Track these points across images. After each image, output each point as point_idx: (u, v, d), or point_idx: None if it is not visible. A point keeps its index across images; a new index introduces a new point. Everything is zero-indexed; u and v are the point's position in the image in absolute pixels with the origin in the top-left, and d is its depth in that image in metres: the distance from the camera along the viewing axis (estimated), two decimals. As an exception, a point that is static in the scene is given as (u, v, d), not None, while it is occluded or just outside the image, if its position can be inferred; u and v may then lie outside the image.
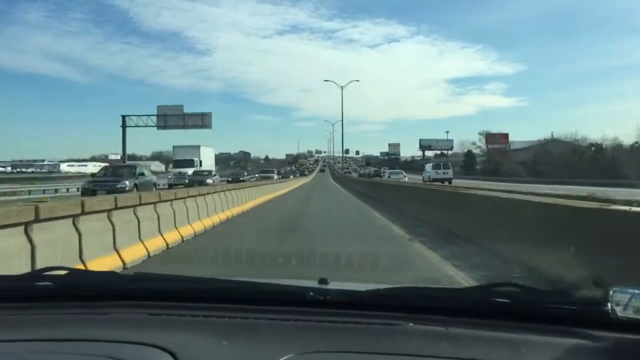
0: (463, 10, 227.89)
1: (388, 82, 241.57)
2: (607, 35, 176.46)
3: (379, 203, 19.58)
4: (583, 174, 41.37)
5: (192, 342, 1.16)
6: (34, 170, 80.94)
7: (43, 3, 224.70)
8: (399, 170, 54.55)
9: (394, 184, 25.32)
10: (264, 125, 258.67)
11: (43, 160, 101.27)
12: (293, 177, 72.34)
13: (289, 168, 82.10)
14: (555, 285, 4.59)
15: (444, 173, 39.61)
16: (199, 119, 50.26)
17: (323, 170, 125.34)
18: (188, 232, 9.49)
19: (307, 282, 1.53)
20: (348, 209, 17.85)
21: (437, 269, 6.41)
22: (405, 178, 44.48)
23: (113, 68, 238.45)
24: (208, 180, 32.57)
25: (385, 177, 51.96)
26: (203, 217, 10.99)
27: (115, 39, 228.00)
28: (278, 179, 48.44)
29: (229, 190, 15.33)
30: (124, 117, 49.47)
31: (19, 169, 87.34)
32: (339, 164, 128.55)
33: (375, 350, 1.13)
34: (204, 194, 11.74)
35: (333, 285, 1.46)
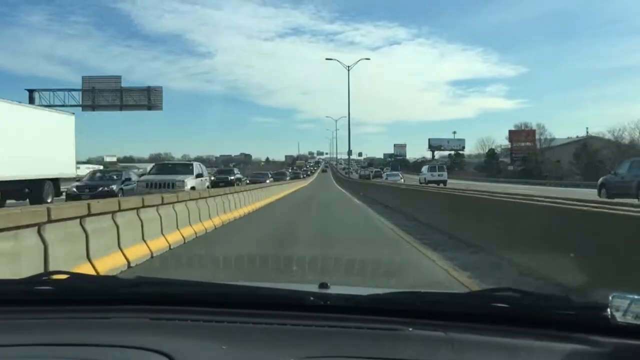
0: (464, 13, 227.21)
1: (389, 84, 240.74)
2: (608, 37, 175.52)
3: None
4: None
5: (192, 346, 1.16)
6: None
7: (45, 6, 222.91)
8: (396, 173, 56.56)
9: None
10: (265, 128, 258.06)
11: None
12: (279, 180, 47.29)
13: (283, 170, 76.16)
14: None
15: (439, 175, 41.31)
16: (143, 96, 33.94)
17: (325, 171, 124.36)
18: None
19: (307, 286, 1.54)
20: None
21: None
22: (402, 180, 45.96)
23: (114, 71, 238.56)
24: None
25: (383, 178, 53.47)
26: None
27: (117, 42, 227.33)
28: (270, 183, 37.26)
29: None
30: (31, 92, 34.64)
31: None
32: (341, 165, 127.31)
33: (376, 355, 1.13)
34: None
35: (333, 290, 1.46)
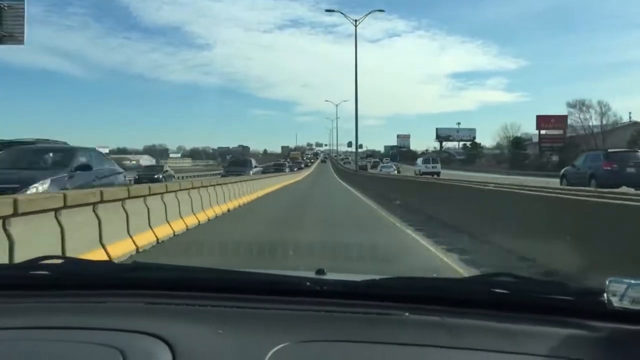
0: (463, 5, 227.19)
1: (389, 76, 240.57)
2: (607, 31, 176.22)
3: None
4: None
5: (188, 331, 1.16)
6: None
7: None
8: (390, 164, 59.20)
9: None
10: (265, 120, 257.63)
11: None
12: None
13: (273, 163, 68.70)
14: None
15: (433, 167, 44.19)
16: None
17: (324, 161, 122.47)
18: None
19: (304, 272, 1.54)
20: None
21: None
22: (395, 171, 48.83)
23: (113, 63, 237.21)
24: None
25: (378, 169, 55.56)
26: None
27: (115, 34, 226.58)
28: (257, 175, 30.41)
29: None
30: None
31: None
32: (340, 157, 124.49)
33: (372, 340, 1.14)
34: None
35: (330, 276, 1.47)
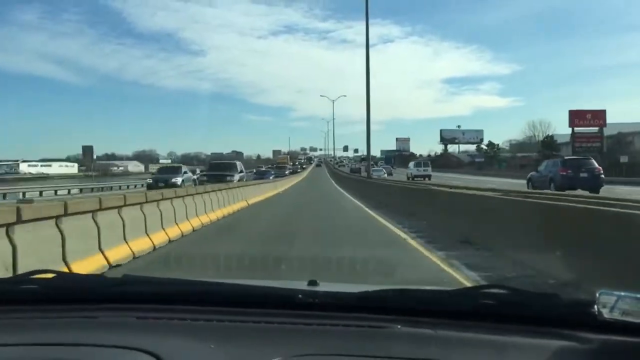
0: (457, 11, 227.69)
1: (383, 82, 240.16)
2: (600, 35, 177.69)
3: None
4: None
5: (179, 345, 1.15)
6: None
7: (38, 4, 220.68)
8: (380, 168, 59.96)
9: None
10: (258, 126, 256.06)
11: (16, 160, 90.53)
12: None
13: (255, 170, 55.71)
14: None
15: (424, 170, 46.44)
16: None
17: (319, 165, 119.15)
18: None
19: (296, 283, 1.53)
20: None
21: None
22: (385, 175, 49.32)
23: (107, 69, 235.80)
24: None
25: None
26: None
27: (110, 40, 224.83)
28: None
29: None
30: None
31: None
32: (334, 161, 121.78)
33: (364, 354, 1.13)
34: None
35: (322, 287, 1.46)
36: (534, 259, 6.18)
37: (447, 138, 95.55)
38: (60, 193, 30.85)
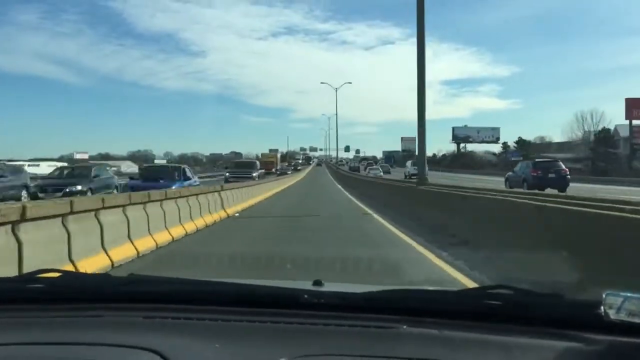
0: (457, 12, 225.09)
1: (383, 83, 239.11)
2: (599, 38, 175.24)
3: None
4: None
5: (185, 345, 1.16)
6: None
7: (37, 4, 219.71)
8: (377, 167, 63.31)
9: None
10: (258, 127, 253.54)
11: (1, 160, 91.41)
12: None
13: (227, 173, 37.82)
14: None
15: None
16: None
17: (320, 165, 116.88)
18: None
19: (301, 283, 1.53)
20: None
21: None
22: (381, 173, 52.11)
23: (107, 70, 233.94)
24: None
25: (367, 171, 59.31)
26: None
27: (109, 41, 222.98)
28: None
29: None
30: None
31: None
32: (334, 161, 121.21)
33: (369, 354, 1.13)
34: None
35: (327, 287, 1.46)
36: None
37: (459, 137, 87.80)
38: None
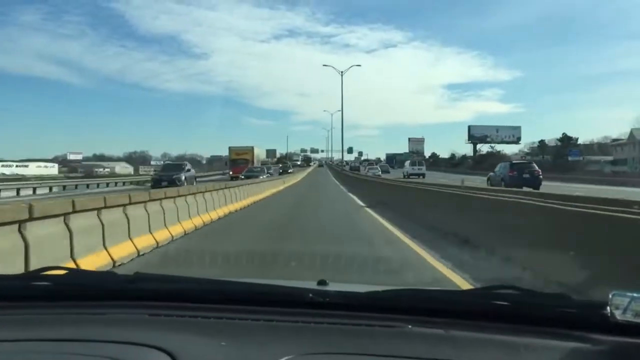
0: (459, 16, 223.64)
1: (385, 87, 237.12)
2: (600, 42, 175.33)
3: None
4: None
5: (191, 343, 1.16)
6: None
7: (40, 5, 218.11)
8: (376, 167, 63.62)
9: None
10: (260, 128, 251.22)
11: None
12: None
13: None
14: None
15: (419, 169, 49.62)
16: None
17: (322, 166, 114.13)
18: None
19: (306, 282, 1.53)
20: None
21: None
22: (379, 173, 52.08)
23: (109, 71, 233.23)
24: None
25: (366, 171, 59.25)
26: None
27: (112, 42, 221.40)
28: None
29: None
30: None
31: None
32: (334, 162, 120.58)
33: (375, 353, 1.13)
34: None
35: (332, 287, 1.47)
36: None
37: (476, 136, 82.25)
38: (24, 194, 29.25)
